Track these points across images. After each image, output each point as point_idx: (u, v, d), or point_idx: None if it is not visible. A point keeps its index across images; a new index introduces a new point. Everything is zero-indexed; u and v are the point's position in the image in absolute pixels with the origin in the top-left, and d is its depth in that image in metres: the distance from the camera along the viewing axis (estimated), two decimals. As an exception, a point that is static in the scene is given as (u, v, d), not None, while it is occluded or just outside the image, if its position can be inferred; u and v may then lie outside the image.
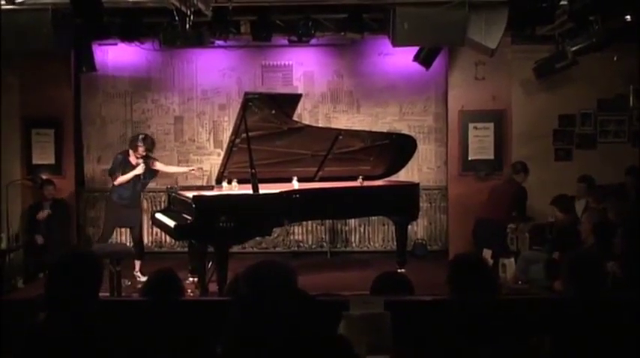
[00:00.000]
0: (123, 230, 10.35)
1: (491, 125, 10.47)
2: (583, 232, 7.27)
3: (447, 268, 3.65)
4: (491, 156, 10.47)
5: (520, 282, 8.10)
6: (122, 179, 8.94)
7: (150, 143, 9.09)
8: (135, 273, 9.05)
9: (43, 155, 10.64)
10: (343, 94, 11.18)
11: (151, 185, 10.85)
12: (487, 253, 8.56)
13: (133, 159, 9.01)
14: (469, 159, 10.51)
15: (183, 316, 3.82)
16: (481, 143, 10.49)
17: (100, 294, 3.35)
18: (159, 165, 9.24)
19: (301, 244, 11.25)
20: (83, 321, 3.15)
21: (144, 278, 8.88)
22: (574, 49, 8.94)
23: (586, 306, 3.58)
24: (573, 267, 3.78)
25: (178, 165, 10.81)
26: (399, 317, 3.47)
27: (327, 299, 3.92)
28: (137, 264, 9.15)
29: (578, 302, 3.64)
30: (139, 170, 8.97)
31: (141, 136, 9.10)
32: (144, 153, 8.96)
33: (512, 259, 8.51)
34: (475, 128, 10.49)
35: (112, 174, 9.06)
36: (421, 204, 9.87)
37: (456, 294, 3.49)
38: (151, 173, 9.17)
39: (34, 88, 10.43)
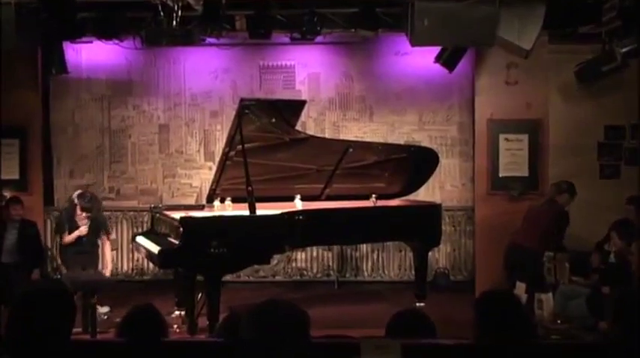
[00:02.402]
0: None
1: (525, 137, 10.44)
2: (634, 264, 7.23)
3: (472, 304, 3.62)
4: (526, 173, 10.45)
5: (559, 321, 8.05)
6: (68, 239, 9.12)
7: (87, 201, 9.18)
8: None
9: (7, 169, 10.61)
10: (354, 100, 11.20)
11: (133, 204, 10.89)
12: (520, 287, 8.51)
13: (78, 218, 9.16)
14: (499, 175, 10.49)
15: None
16: (513, 157, 10.47)
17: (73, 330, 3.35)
18: (107, 246, 9.39)
19: (305, 272, 11.26)
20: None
21: (104, 310, 8.96)
22: (624, 50, 8.89)
23: (637, 353, 3.55)
24: (624, 305, 3.75)
25: (163, 181, 10.88)
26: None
27: (333, 341, 3.89)
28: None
29: (629, 347, 3.61)
30: (82, 231, 9.11)
31: (77, 193, 9.33)
32: (83, 217, 9.12)
33: (550, 294, 8.46)
34: (506, 140, 10.48)
35: (58, 233, 9.20)
36: (443, 228, 9.87)
37: (484, 338, 3.46)
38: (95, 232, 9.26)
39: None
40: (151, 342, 3.88)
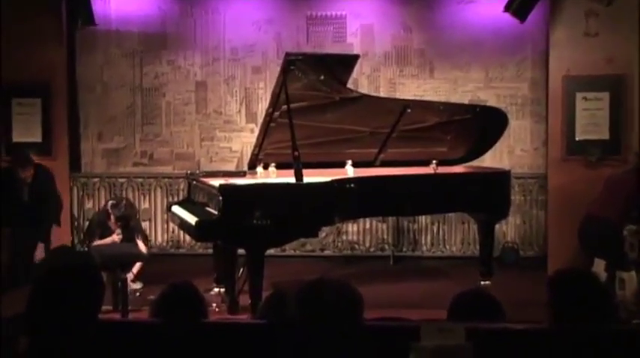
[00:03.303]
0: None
1: (605, 95, 10.31)
2: None
3: (545, 283, 3.59)
4: (606, 136, 10.33)
5: (644, 303, 8.01)
6: (99, 243, 9.15)
7: (122, 211, 9.19)
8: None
9: (27, 131, 10.77)
10: (412, 54, 11.15)
11: (168, 170, 10.98)
12: (599, 264, 8.45)
13: (112, 224, 9.22)
14: (576, 139, 10.39)
15: (206, 343, 3.82)
16: (592, 118, 10.35)
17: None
18: (140, 244, 9.35)
19: (356, 247, 11.29)
20: (78, 350, 3.16)
21: (136, 286, 9.10)
22: None
23: None
24: None
25: (200, 144, 10.95)
26: (484, 350, 3.42)
27: (389, 325, 3.88)
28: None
29: None
30: (116, 238, 9.15)
31: (110, 203, 9.37)
32: (117, 226, 9.15)
33: (633, 272, 8.38)
34: (584, 99, 10.36)
35: (88, 238, 9.29)
36: (512, 198, 9.79)
37: (558, 322, 3.43)
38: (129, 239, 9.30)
39: (16, 46, 10.50)
40: (190, 323, 3.90)
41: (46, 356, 3.15)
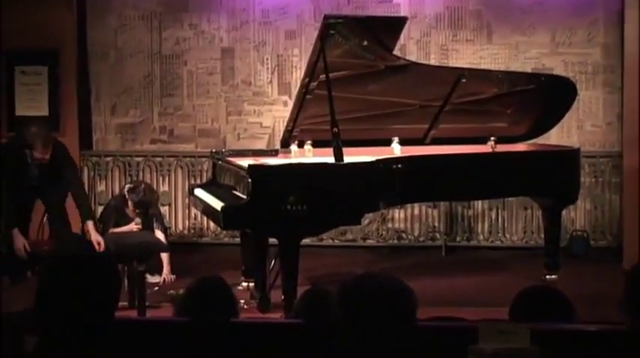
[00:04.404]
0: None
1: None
2: None
3: (622, 277, 3.58)
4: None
5: None
6: (114, 231, 9.17)
7: (140, 196, 9.19)
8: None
9: (32, 103, 10.85)
10: (467, 16, 11.13)
11: (190, 148, 11.02)
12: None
13: (129, 211, 9.25)
14: (657, 112, 10.33)
15: (235, 345, 3.84)
16: (674, 87, 10.30)
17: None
18: (159, 234, 9.39)
19: (404, 236, 11.32)
20: (91, 352, 3.19)
21: (154, 279, 9.15)
22: None
23: None
24: None
25: (227, 119, 10.99)
26: (551, 354, 3.42)
27: (443, 325, 3.88)
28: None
29: None
30: (133, 227, 9.19)
31: (127, 186, 9.41)
32: (135, 212, 9.19)
33: None
34: (663, 65, 10.31)
35: (102, 226, 9.23)
36: (582, 179, 9.74)
37: (638, 322, 3.42)
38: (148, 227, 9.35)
39: (19, 9, 10.57)
40: (220, 323, 3.92)
41: (56, 359, 3.18)
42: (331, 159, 7.56)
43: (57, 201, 9.03)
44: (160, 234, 9.32)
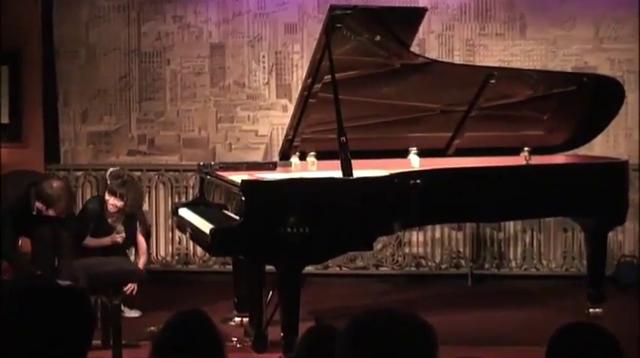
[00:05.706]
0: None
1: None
2: None
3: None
4: None
5: None
6: (93, 243, 9.18)
7: (120, 184, 9.14)
8: None
9: (-9, 109, 10.88)
10: (497, 6, 11.16)
11: (173, 160, 11.03)
12: None
13: (111, 208, 9.17)
14: None
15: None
16: None
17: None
18: (141, 240, 9.45)
19: (423, 262, 11.34)
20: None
21: (133, 314, 9.17)
22: None
23: None
24: None
25: (216, 127, 11.00)
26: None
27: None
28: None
29: None
30: (117, 238, 9.23)
31: (110, 170, 9.40)
32: (114, 201, 9.10)
33: None
34: None
35: (80, 231, 9.24)
36: (631, 197, 9.73)
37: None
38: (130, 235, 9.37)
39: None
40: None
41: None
42: (338, 174, 7.54)
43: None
44: (142, 241, 9.40)
